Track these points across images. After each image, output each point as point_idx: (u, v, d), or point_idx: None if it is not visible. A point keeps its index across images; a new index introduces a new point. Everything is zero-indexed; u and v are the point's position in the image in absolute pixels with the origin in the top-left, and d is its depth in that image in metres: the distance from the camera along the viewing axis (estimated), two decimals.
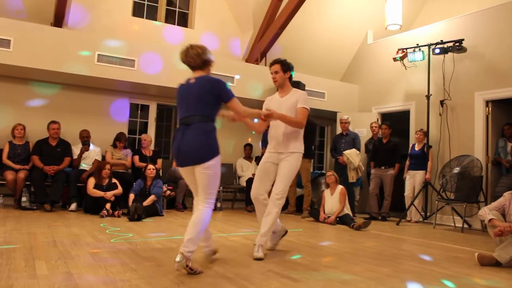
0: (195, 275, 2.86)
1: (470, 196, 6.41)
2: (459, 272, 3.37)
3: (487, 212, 3.87)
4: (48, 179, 6.50)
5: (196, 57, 3.16)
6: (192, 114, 3.07)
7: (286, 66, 3.83)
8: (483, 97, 7.00)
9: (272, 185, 3.81)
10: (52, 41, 6.50)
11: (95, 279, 2.64)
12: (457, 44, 7.10)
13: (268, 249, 3.95)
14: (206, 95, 3.08)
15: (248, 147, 8.69)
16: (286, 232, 4.16)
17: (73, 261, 3.10)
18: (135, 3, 8.16)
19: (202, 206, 3.04)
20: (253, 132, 8.70)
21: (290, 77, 3.88)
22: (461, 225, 6.39)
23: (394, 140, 7.55)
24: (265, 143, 7.97)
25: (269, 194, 3.81)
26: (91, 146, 7.03)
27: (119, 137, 7.26)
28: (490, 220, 3.78)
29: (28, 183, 6.40)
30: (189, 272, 2.85)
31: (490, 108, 6.97)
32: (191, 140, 3.02)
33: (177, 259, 2.81)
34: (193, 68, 3.22)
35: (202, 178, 3.02)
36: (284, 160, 3.75)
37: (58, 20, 7.01)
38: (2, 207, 6.35)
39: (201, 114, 3.06)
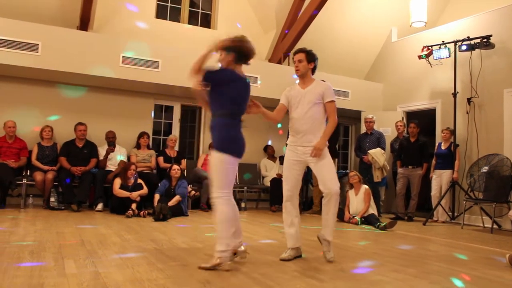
0: (224, 274, 2.88)
1: (499, 195, 6.25)
2: (489, 274, 3.29)
3: None
4: (75, 180, 6.63)
5: None
6: None
7: (311, 56, 3.66)
8: None
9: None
10: (78, 45, 6.62)
11: (122, 278, 2.68)
12: (485, 40, 6.93)
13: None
14: None
15: (270, 147, 8.68)
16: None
17: (100, 261, 3.15)
18: (158, 5, 8.26)
19: None
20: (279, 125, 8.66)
21: (314, 68, 3.72)
22: (490, 226, 6.24)
23: (421, 139, 7.41)
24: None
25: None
26: (117, 147, 7.14)
27: (141, 134, 7.37)
28: None
29: (56, 183, 6.55)
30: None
31: None
32: None
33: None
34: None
35: None
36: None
37: (84, 23, 7.15)
38: (32, 207, 6.51)
39: None
